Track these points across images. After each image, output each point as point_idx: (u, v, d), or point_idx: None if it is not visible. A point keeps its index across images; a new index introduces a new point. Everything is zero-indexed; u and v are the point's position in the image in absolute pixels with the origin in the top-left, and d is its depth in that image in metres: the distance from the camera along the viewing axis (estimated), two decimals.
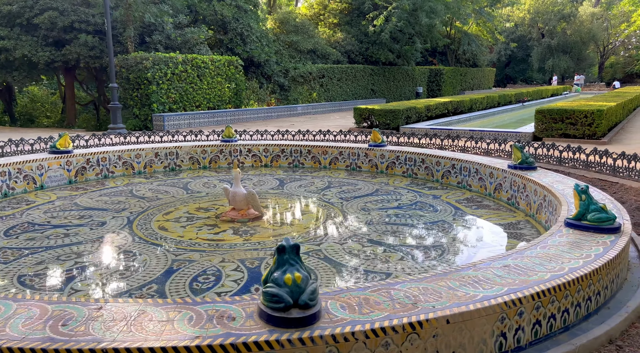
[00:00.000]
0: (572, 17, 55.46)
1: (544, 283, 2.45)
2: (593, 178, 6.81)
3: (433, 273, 2.57)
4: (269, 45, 18.10)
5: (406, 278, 2.50)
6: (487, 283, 2.44)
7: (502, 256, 2.86)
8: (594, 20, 56.66)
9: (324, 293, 2.26)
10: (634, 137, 10.85)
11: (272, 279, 2.01)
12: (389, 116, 12.47)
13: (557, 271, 2.61)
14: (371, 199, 5.87)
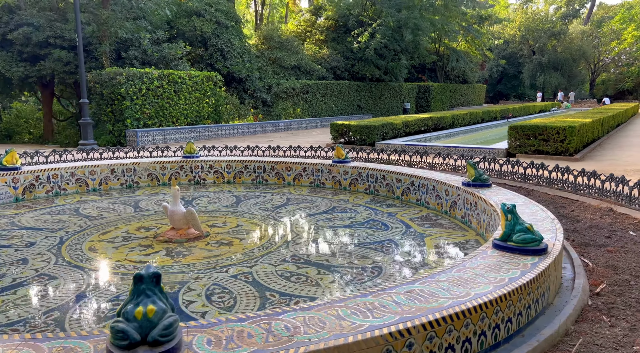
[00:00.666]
0: (562, 34, 56.39)
1: (441, 310, 2.32)
2: (555, 195, 6.73)
3: (328, 300, 2.45)
4: (251, 61, 18.16)
5: (296, 307, 2.37)
6: (381, 311, 2.31)
7: (410, 280, 2.73)
8: (584, 38, 57.59)
9: (198, 326, 2.12)
10: (608, 154, 10.83)
11: (123, 313, 1.86)
12: (365, 132, 12.43)
13: (461, 297, 2.48)
14: (325, 217, 5.76)
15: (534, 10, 61.47)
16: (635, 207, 5.63)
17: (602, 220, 5.44)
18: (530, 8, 66.15)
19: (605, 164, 9.38)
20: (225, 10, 17.01)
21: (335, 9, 25.65)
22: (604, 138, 14.34)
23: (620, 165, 9.18)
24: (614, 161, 9.70)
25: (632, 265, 3.95)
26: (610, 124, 16.66)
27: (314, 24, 26.90)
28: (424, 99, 33.63)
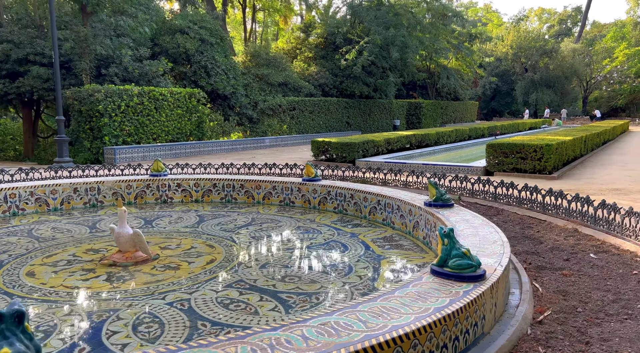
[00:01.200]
0: (554, 52, 57.17)
1: (348, 346, 2.20)
2: (524, 215, 6.64)
3: (232, 336, 2.32)
4: (237, 78, 18.21)
5: (194, 344, 2.24)
6: (284, 348, 2.19)
7: (329, 311, 2.61)
8: (576, 56, 58.37)
9: None
10: (587, 172, 10.79)
11: None
12: (345, 149, 12.38)
13: (377, 330, 2.37)
14: (285, 238, 5.65)
15: (526, 29, 62.42)
16: (600, 228, 5.54)
17: (566, 241, 5.35)
18: (522, 26, 67.25)
19: (582, 182, 9.33)
20: (209, 28, 17.13)
21: (324, 27, 25.92)
22: (588, 156, 14.34)
23: (596, 184, 9.13)
24: (591, 180, 9.65)
25: (583, 290, 3.84)
26: (596, 142, 16.70)
27: (304, 41, 27.15)
28: (414, 116, 33.80)
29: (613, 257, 4.73)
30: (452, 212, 5.27)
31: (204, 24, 16.97)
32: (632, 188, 8.57)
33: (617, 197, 7.78)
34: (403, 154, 13.89)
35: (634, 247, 4.88)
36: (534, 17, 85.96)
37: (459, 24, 33.60)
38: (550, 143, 9.83)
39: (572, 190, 8.47)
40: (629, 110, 64.37)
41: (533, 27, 75.47)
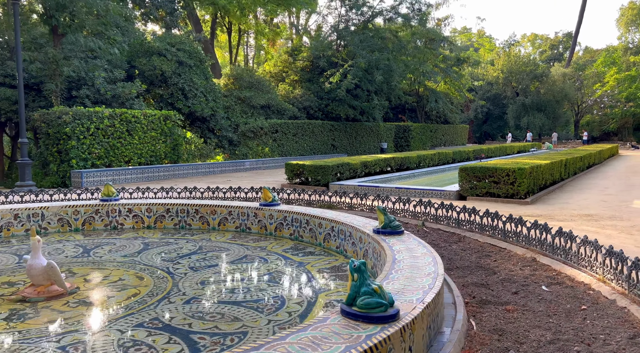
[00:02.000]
0: (545, 77, 57.95)
1: None
2: (485, 242, 6.36)
3: None
4: (216, 100, 18.11)
5: None
6: None
7: None
8: (566, 80, 59.12)
9: None
10: (563, 197, 10.57)
11: None
12: (319, 172, 12.14)
13: None
14: (226, 269, 5.33)
15: (516, 53, 63.38)
16: (558, 258, 5.26)
17: (521, 271, 5.06)
18: (512, 51, 68.37)
19: (555, 207, 9.08)
20: (188, 50, 17.13)
21: (310, 51, 26.10)
22: (569, 180, 14.16)
23: (569, 209, 8.89)
24: (566, 205, 9.41)
25: (522, 328, 3.53)
26: (579, 165, 16.55)
27: (290, 64, 27.30)
28: (403, 139, 33.80)
29: (565, 289, 4.43)
30: (399, 240, 4.99)
31: (182, 46, 16.97)
32: (604, 214, 8.32)
33: (587, 223, 7.53)
34: (380, 178, 13.66)
35: (589, 278, 4.59)
36: (527, 43, 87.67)
37: (447, 48, 34.00)
38: (522, 167, 9.63)
39: (543, 215, 8.22)
40: (620, 134, 64.91)
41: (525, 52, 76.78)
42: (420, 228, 7.42)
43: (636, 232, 6.78)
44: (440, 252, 5.95)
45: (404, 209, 8.06)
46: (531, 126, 56.38)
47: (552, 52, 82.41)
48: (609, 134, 64.43)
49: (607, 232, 6.80)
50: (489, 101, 61.54)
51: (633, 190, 11.74)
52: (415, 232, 7.16)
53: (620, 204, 9.40)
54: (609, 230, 6.94)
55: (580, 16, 63.44)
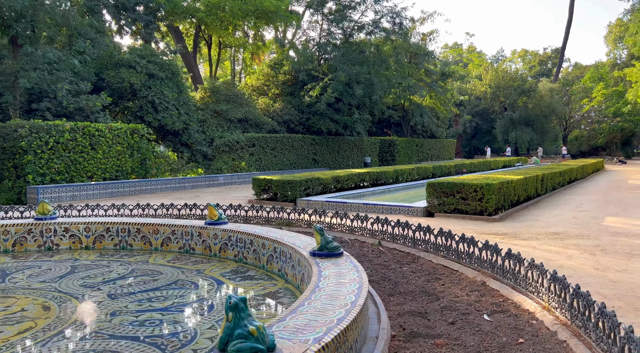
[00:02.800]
0: (532, 92, 58.43)
1: None
2: (438, 264, 5.99)
3: None
4: (190, 113, 17.77)
5: None
6: None
7: None
8: (554, 95, 59.64)
9: None
10: (535, 214, 10.26)
11: None
12: (286, 187, 11.77)
13: None
14: (149, 296, 4.90)
15: (504, 68, 63.99)
16: (507, 282, 4.89)
17: (467, 297, 4.68)
18: (500, 66, 69.09)
19: (523, 225, 8.76)
20: (159, 62, 16.82)
21: (291, 64, 25.96)
22: (546, 195, 13.90)
23: (537, 227, 8.56)
24: (535, 222, 9.09)
25: None
26: (558, 181, 16.33)
27: (271, 78, 27.12)
28: (388, 153, 33.59)
29: (508, 319, 4.06)
30: (334, 263, 4.60)
31: (153, 58, 16.66)
32: (572, 232, 8.00)
33: (551, 242, 7.19)
34: (352, 193, 13.31)
35: (534, 306, 4.22)
36: (517, 59, 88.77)
37: (431, 62, 34.08)
38: (490, 183, 9.32)
39: (509, 234, 7.89)
40: (609, 149, 65.42)
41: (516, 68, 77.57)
42: (376, 247, 7.04)
43: (599, 252, 6.45)
44: (387, 275, 5.58)
45: (361, 227, 7.69)
46: (519, 141, 56.62)
47: (541, 67, 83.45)
48: (597, 149, 64.92)
49: (569, 252, 6.47)
50: (478, 116, 61.89)
51: (608, 207, 11.48)
52: (371, 252, 6.79)
53: (591, 221, 9.10)
54: (571, 250, 6.61)
55: (566, 32, 64.41)
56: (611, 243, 7.06)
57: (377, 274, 5.60)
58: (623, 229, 8.26)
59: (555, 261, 5.92)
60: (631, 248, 6.65)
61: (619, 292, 4.63)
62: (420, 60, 33.59)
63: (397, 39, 26.47)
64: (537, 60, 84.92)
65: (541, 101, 57.55)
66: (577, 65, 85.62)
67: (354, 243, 7.37)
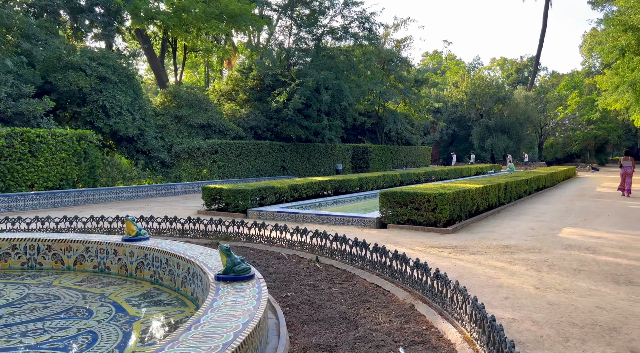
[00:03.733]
0: (508, 99, 59.15)
1: None
2: (371, 283, 5.52)
3: None
4: (146, 119, 17.07)
5: None
6: None
7: None
8: (529, 103, 60.46)
9: None
10: (492, 225, 9.91)
11: None
12: (237, 197, 11.20)
13: None
14: (25, 329, 4.28)
15: (480, 76, 64.71)
16: (435, 306, 4.44)
17: (389, 324, 4.21)
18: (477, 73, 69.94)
19: (476, 237, 8.38)
20: (112, 65, 16.11)
21: (260, 69, 25.47)
22: (509, 204, 13.65)
23: (489, 239, 8.19)
24: (489, 234, 8.73)
25: None
26: (524, 189, 16.16)
27: (240, 83, 26.55)
28: (362, 160, 33.30)
29: (425, 352, 3.59)
30: (238, 289, 4.08)
31: (105, 60, 15.94)
32: (524, 245, 7.65)
33: (500, 255, 6.81)
34: (311, 202, 12.81)
35: (456, 336, 3.77)
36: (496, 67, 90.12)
37: (404, 69, 34.01)
38: (444, 192, 8.94)
39: (458, 247, 7.49)
40: (583, 156, 66.66)
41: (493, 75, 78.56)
42: (314, 264, 6.54)
43: (546, 267, 6.08)
44: (312, 298, 5.07)
45: (301, 241, 7.18)
46: (495, 148, 57.17)
47: (518, 75, 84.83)
48: (572, 156, 66.10)
49: (515, 268, 6.08)
50: (455, 123, 62.38)
51: (569, 216, 11.24)
52: (305, 270, 6.29)
53: (547, 233, 8.78)
54: (518, 265, 6.22)
55: (540, 40, 65.63)
56: (561, 257, 6.72)
57: (301, 297, 5.09)
58: (577, 241, 7.95)
59: (497, 279, 5.52)
60: (580, 264, 6.30)
61: (553, 317, 4.22)
62: (393, 67, 33.49)
63: (368, 44, 26.24)
64: (514, 68, 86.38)
65: (516, 108, 58.29)
66: (555, 73, 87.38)
67: (291, 259, 6.86)
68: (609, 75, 35.93)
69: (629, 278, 5.60)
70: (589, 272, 5.85)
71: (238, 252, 7.28)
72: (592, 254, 6.93)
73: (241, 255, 7.13)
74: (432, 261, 6.49)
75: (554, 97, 70.56)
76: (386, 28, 35.43)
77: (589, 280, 5.46)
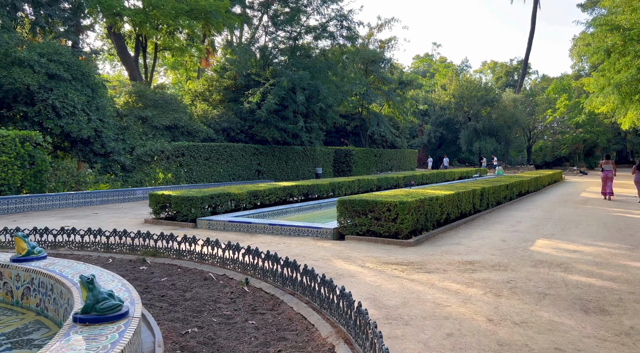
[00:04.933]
0: (496, 102, 58.78)
1: None
2: (298, 313, 4.66)
3: None
4: (104, 119, 16.10)
5: None
6: None
7: None
8: (517, 106, 60.13)
9: None
10: (460, 236, 9.11)
11: None
12: (186, 205, 10.29)
13: None
14: None
15: (468, 78, 64.36)
16: (358, 348, 3.59)
17: None
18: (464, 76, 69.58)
19: (438, 251, 7.57)
20: (65, 62, 15.14)
21: (235, 69, 24.58)
22: (485, 212, 12.89)
23: (453, 253, 7.38)
24: (455, 246, 7.93)
25: None
26: (504, 194, 15.44)
27: (215, 83, 25.63)
28: (344, 164, 32.49)
29: None
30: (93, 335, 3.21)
31: (57, 56, 14.96)
32: (490, 260, 6.85)
33: (459, 274, 6.00)
34: (270, 210, 11.93)
35: None
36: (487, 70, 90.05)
37: (387, 69, 33.31)
38: (405, 200, 8.12)
39: (415, 263, 6.67)
40: (572, 159, 66.59)
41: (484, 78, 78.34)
42: (242, 287, 5.67)
43: (507, 291, 5.27)
44: (218, 335, 4.17)
45: (233, 259, 6.30)
46: (483, 151, 56.73)
47: (507, 78, 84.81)
48: (561, 160, 65.98)
49: (471, 291, 5.26)
50: (442, 126, 61.89)
51: (546, 225, 10.49)
52: (229, 295, 5.41)
53: (518, 246, 8.00)
54: (476, 288, 5.41)
55: (529, 43, 65.50)
56: (528, 277, 5.92)
57: (205, 334, 4.20)
58: (549, 256, 7.17)
59: (445, 307, 4.69)
60: (547, 286, 5.51)
61: None
62: (376, 68, 32.77)
63: (347, 43, 25.47)
64: (504, 71, 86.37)
65: (505, 111, 57.93)
66: (545, 77, 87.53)
67: (219, 280, 5.98)
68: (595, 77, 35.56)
69: (601, 305, 4.80)
70: (555, 297, 5.05)
71: (164, 271, 6.39)
72: (563, 272, 6.15)
73: (166, 274, 6.24)
74: (379, 282, 5.66)
75: (543, 100, 70.51)
76: (369, 28, 34.77)
77: (554, 309, 4.66)
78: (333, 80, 24.19)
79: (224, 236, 9.10)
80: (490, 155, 54.20)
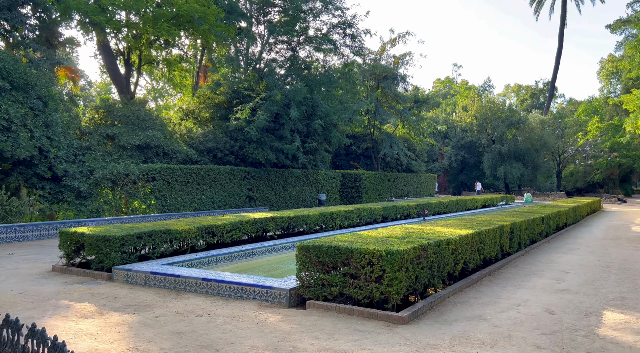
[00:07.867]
0: (522, 124, 55.59)
1: None
2: None
3: None
4: (54, 137, 13.83)
5: None
6: None
7: None
8: (545, 128, 56.71)
9: None
10: (483, 302, 6.20)
11: None
12: (102, 248, 7.68)
13: None
14: None
15: (490, 98, 61.46)
16: None
17: None
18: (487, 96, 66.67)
19: (448, 335, 4.72)
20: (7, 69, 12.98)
21: (228, 84, 22.39)
22: (517, 254, 9.92)
23: (471, 341, 4.53)
24: (472, 325, 5.05)
25: None
26: (539, 230, 12.43)
27: (207, 100, 23.44)
28: (354, 189, 29.70)
29: None
30: None
31: None
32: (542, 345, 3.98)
33: None
34: (225, 253, 9.17)
35: None
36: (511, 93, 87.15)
37: (400, 86, 30.78)
38: (394, 249, 5.33)
39: None
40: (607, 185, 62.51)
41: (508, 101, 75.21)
42: None
43: None
44: None
45: None
46: (508, 176, 53.32)
47: (532, 100, 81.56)
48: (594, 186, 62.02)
49: None
50: (464, 149, 58.73)
51: (607, 280, 7.49)
52: None
53: (576, 324, 5.08)
54: None
55: (556, 62, 62.55)
56: None
57: None
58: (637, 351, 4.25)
59: None
60: None
61: None
62: (388, 84, 30.30)
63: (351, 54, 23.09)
64: (529, 93, 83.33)
65: (531, 134, 54.48)
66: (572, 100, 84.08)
67: None
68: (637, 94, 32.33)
69: None
70: None
71: None
72: None
73: None
74: None
75: (572, 122, 66.93)
76: (382, 43, 32.48)
77: None
78: (336, 96, 21.73)
79: (140, 296, 6.42)
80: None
